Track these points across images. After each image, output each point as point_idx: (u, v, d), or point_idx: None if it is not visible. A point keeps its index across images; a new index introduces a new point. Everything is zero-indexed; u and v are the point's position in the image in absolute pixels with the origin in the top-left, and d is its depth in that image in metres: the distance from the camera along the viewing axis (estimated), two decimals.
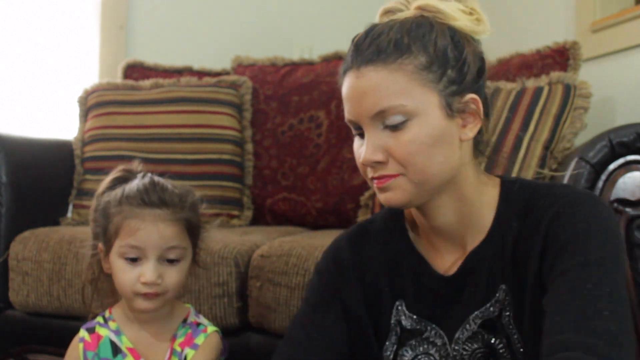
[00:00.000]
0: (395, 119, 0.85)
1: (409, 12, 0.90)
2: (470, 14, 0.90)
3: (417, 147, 0.85)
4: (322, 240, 1.51)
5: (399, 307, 0.98)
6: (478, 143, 0.94)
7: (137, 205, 1.08)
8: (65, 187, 1.97)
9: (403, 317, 0.97)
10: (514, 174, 1.51)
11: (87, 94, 2.10)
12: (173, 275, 1.09)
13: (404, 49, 0.85)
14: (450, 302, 0.94)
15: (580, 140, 1.48)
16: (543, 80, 1.65)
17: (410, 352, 0.96)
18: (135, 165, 1.19)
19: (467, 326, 0.92)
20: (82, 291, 1.21)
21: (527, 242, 0.87)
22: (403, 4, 0.91)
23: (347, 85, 0.89)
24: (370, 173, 0.89)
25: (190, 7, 2.56)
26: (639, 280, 1.22)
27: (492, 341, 0.91)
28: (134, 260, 1.08)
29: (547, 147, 1.52)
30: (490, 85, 1.76)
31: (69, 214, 1.97)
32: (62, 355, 1.69)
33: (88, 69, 2.46)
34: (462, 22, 0.88)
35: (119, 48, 2.50)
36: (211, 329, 1.16)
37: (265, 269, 1.47)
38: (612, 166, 1.25)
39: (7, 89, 2.34)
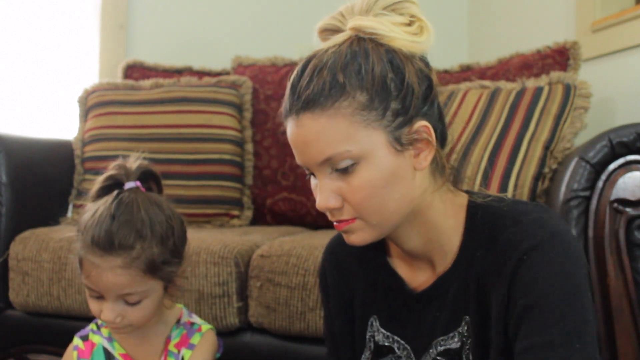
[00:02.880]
0: (344, 163, 0.81)
1: (345, 34, 0.84)
2: (410, 23, 0.83)
3: (369, 190, 0.81)
4: (322, 240, 1.51)
5: (373, 323, 0.97)
6: (439, 165, 0.88)
7: (90, 243, 1.00)
8: (65, 187, 1.97)
9: (376, 333, 0.96)
10: (514, 174, 1.51)
11: (87, 94, 2.10)
12: (134, 314, 1.03)
13: (340, 91, 0.79)
14: (419, 321, 0.92)
15: (580, 140, 1.49)
16: (543, 80, 1.65)
17: None
18: (131, 162, 1.10)
19: (431, 351, 0.90)
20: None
21: (491, 278, 0.84)
22: (339, 20, 0.86)
23: (289, 131, 0.84)
24: (329, 216, 0.86)
25: (190, 7, 2.56)
26: (639, 280, 1.22)
27: None
28: (95, 298, 1.04)
29: (547, 147, 1.52)
30: (490, 85, 1.76)
31: (69, 214, 1.97)
32: (62, 355, 1.69)
33: (88, 69, 2.46)
34: (400, 40, 0.82)
35: (119, 48, 2.50)
36: (205, 327, 1.15)
37: (265, 269, 1.47)
38: (612, 166, 1.25)
39: (7, 89, 2.34)
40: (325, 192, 0.83)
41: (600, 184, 1.25)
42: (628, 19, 1.74)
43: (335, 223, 0.86)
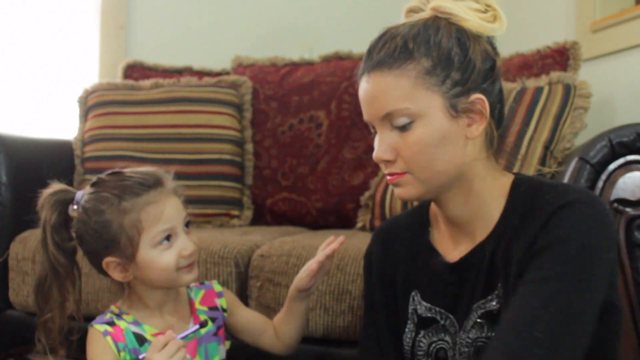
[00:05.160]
0: (401, 121, 0.90)
1: (426, 13, 0.94)
2: (485, 11, 0.93)
3: (421, 147, 0.90)
4: (322, 240, 1.51)
5: (415, 297, 1.04)
6: (491, 140, 0.96)
7: (140, 193, 1.06)
8: None
9: (419, 306, 1.03)
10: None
11: (87, 94, 2.10)
12: (195, 240, 1.11)
13: (408, 55, 0.90)
14: (458, 291, 0.98)
15: (580, 140, 1.48)
16: (543, 80, 1.65)
17: (427, 339, 1.02)
18: (55, 187, 1.15)
19: (472, 316, 0.95)
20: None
21: (521, 240, 0.90)
22: (423, 3, 0.96)
23: (360, 89, 0.95)
24: (383, 169, 0.96)
25: (190, 7, 2.56)
26: (639, 280, 1.22)
27: (490, 333, 0.93)
28: (167, 241, 1.07)
29: (547, 147, 1.52)
30: None
31: None
32: (62, 355, 1.68)
33: (88, 69, 2.46)
34: (472, 22, 0.91)
35: (119, 48, 2.50)
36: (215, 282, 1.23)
37: (265, 269, 1.47)
38: (612, 166, 1.25)
39: (7, 89, 2.33)
40: (382, 145, 0.93)
41: (600, 184, 1.25)
42: (628, 19, 1.74)
43: (388, 177, 0.95)
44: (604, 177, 1.25)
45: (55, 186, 1.14)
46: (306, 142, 2.06)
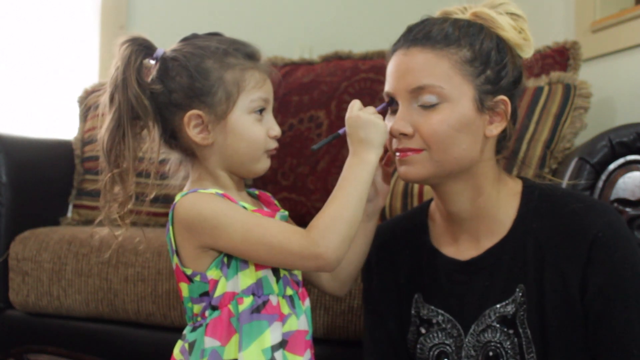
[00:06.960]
0: (430, 99, 0.92)
1: (465, 16, 0.97)
2: (520, 32, 0.98)
3: (444, 128, 0.91)
4: None
5: (417, 299, 1.05)
6: (501, 145, 1.00)
7: (250, 56, 1.02)
8: (65, 187, 1.97)
9: (421, 309, 1.04)
10: (514, 175, 1.51)
11: (87, 94, 2.10)
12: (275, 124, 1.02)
13: (453, 40, 0.92)
14: (464, 292, 0.99)
15: (580, 140, 1.49)
16: (543, 80, 1.65)
17: (428, 342, 1.02)
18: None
19: (483, 320, 0.96)
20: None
21: (558, 252, 0.93)
22: (461, 10, 0.99)
23: (393, 61, 0.96)
24: (395, 144, 0.96)
25: (190, 8, 2.56)
26: None
27: (505, 337, 0.95)
28: (259, 114, 0.98)
29: (547, 146, 1.52)
30: None
31: (69, 214, 1.97)
32: (62, 355, 1.69)
33: (88, 69, 2.46)
34: (509, 34, 0.96)
35: None
36: None
37: None
38: (612, 166, 1.25)
39: (7, 89, 2.33)
40: (403, 119, 0.93)
41: (600, 184, 1.25)
42: (628, 19, 1.74)
43: (398, 153, 0.95)
44: (604, 177, 1.25)
45: (132, 35, 1.06)
46: (306, 142, 2.06)
